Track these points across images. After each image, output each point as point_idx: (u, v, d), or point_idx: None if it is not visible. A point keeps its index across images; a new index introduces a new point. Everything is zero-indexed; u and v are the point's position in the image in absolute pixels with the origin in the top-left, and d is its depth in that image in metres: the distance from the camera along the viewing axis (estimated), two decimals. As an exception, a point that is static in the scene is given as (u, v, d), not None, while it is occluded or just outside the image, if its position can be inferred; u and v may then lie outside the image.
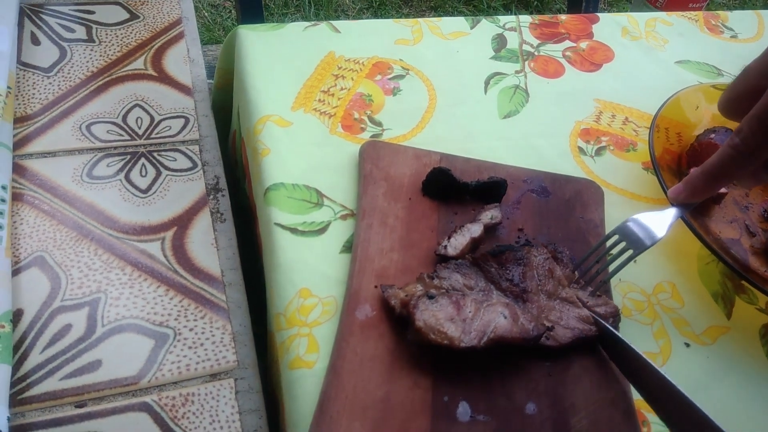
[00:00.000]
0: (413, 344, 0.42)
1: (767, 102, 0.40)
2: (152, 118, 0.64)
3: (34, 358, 0.47)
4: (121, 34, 0.71)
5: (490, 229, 0.49)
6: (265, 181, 0.52)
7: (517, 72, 0.67)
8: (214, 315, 0.52)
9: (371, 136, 0.57)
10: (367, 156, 0.53)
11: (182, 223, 0.57)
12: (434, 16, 2.20)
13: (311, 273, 0.47)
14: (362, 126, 0.58)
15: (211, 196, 0.60)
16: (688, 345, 0.48)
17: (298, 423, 0.40)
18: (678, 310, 0.50)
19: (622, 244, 0.46)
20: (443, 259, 0.46)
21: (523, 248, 0.47)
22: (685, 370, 0.47)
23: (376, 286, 0.45)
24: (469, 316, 0.41)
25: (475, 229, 0.47)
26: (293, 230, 0.49)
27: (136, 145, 0.62)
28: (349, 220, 0.51)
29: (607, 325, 0.45)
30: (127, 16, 0.74)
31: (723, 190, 0.57)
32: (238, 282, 0.55)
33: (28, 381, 0.46)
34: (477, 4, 2.29)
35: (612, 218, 0.54)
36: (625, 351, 0.43)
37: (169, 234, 0.56)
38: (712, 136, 0.57)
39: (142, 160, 0.61)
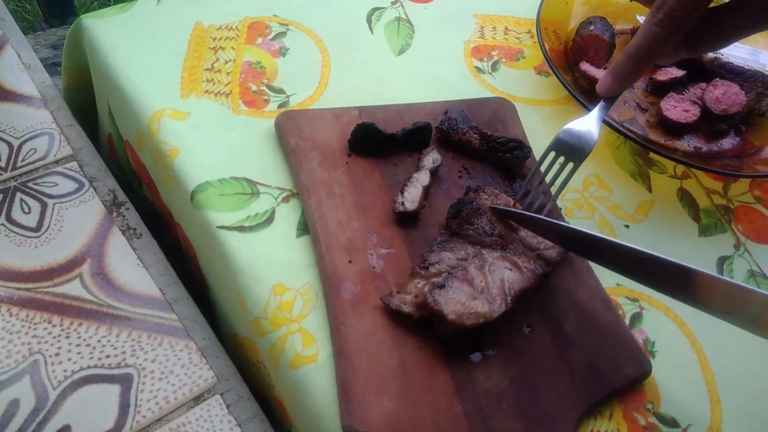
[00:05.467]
0: (445, 337, 0.40)
1: None
2: (10, 145, 0.55)
3: (-11, 452, 0.41)
4: (-75, 55, 0.59)
5: (434, 172, 0.49)
6: (188, 185, 0.47)
7: (393, 3, 0.65)
8: (171, 338, 0.48)
9: (278, 107, 0.53)
10: (286, 129, 0.50)
11: (94, 252, 0.51)
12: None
13: (277, 267, 0.44)
14: (264, 98, 0.54)
15: (114, 213, 0.53)
16: (627, 226, 0.53)
17: (320, 415, 0.39)
18: (608, 197, 0.54)
19: (562, 159, 0.46)
20: (404, 216, 0.46)
21: (471, 196, 0.46)
22: (630, 249, 0.51)
23: (350, 261, 0.43)
24: (483, 285, 0.41)
25: (423, 177, 0.47)
26: (240, 228, 0.45)
27: (5, 180, 0.53)
28: (292, 201, 0.48)
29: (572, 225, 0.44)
30: None
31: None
32: (183, 296, 0.50)
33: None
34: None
35: (525, 129, 0.56)
36: (581, 236, 0.43)
37: (84, 268, 0.50)
38: (591, 27, 0.61)
39: (18, 194, 0.53)
